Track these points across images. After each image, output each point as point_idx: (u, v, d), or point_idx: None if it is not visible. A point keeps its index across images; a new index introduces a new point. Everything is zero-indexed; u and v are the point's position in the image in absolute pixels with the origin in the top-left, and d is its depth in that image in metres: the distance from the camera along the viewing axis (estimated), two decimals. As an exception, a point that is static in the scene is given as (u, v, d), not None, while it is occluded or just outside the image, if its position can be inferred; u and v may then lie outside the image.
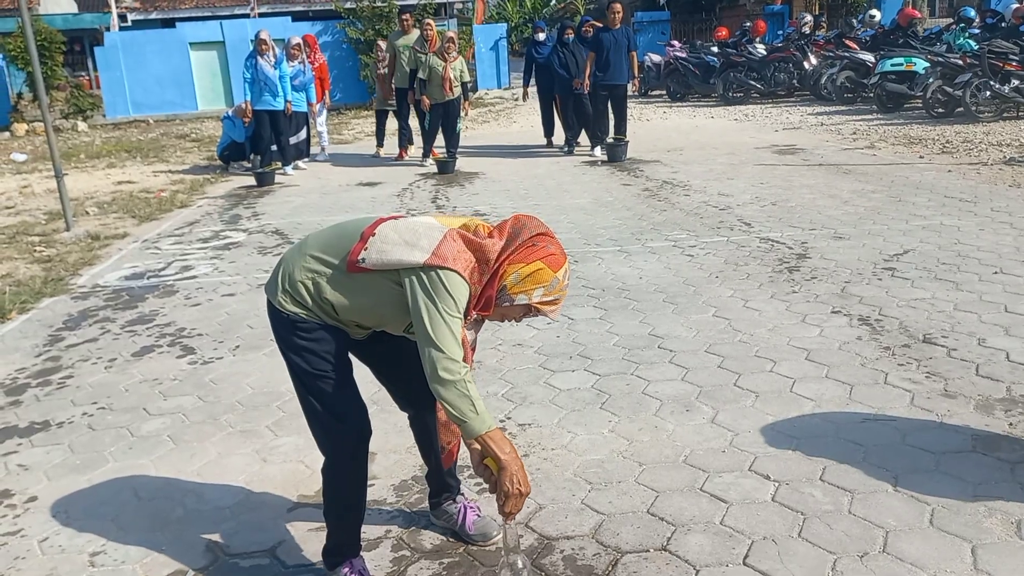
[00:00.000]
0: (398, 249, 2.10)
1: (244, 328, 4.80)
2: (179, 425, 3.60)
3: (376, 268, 2.12)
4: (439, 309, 2.05)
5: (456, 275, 2.07)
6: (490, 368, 4.00)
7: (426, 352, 2.06)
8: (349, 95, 19.88)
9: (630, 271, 5.50)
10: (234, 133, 10.99)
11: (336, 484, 2.35)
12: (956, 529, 2.53)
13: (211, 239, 7.22)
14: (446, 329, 2.05)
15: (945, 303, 4.51)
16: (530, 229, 2.17)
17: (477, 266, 2.12)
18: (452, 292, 2.05)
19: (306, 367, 2.24)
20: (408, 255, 2.09)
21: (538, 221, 2.22)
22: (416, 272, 2.08)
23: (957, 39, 13.57)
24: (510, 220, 2.22)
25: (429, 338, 2.04)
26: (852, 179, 8.20)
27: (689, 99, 18.08)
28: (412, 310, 2.08)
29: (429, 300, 2.05)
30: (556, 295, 2.16)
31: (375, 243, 2.14)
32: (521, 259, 2.12)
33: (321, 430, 2.31)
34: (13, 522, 2.90)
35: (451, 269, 2.06)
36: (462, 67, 10.43)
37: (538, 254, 2.13)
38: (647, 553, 2.51)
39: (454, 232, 2.14)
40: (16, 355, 4.59)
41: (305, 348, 2.24)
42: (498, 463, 2.09)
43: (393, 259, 2.10)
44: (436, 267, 2.06)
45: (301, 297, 2.21)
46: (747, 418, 3.33)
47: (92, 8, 24.73)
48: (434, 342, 2.04)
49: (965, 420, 3.21)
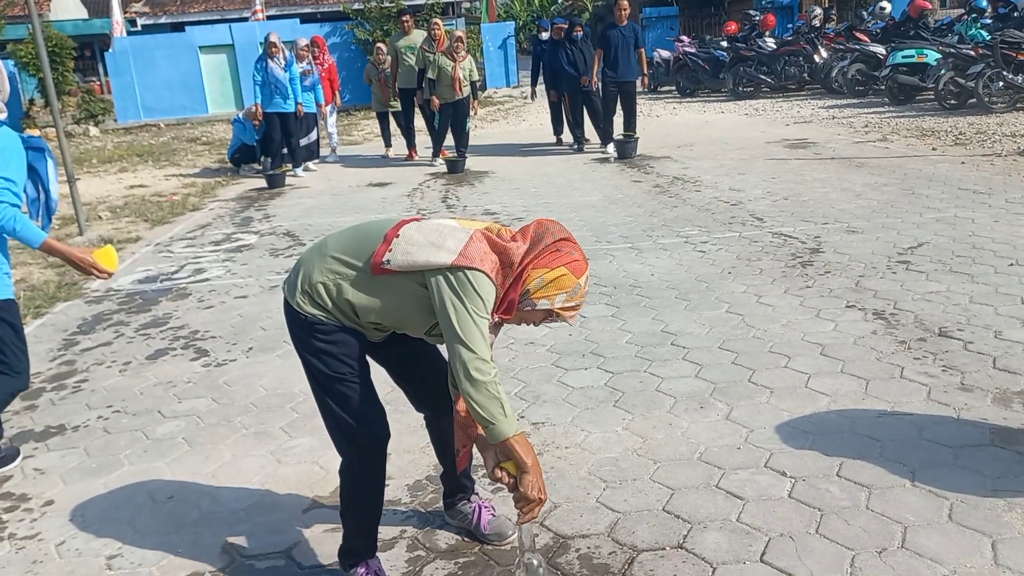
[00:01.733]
0: (424, 250, 2.08)
1: (257, 330, 4.82)
2: (194, 427, 3.61)
3: (402, 270, 2.11)
4: (468, 309, 2.03)
5: (484, 275, 2.06)
6: (503, 367, 4.00)
7: (457, 352, 2.04)
8: (358, 96, 19.90)
9: (642, 268, 5.48)
10: (244, 136, 11.03)
11: (354, 486, 2.35)
12: (975, 524, 2.50)
13: (223, 242, 7.24)
14: (475, 329, 2.03)
15: (961, 296, 4.47)
16: (553, 234, 2.16)
17: (501, 268, 2.11)
18: (480, 292, 2.05)
19: (324, 369, 2.24)
20: (435, 256, 2.07)
21: (560, 226, 2.21)
22: (443, 272, 2.06)
23: (969, 30, 13.45)
24: (533, 225, 2.21)
25: (459, 338, 2.02)
26: (865, 172, 8.15)
27: (699, 94, 18.03)
28: (439, 311, 2.06)
29: (458, 300, 2.04)
30: (577, 301, 2.15)
31: (400, 245, 2.12)
32: (545, 264, 2.11)
33: (339, 432, 2.30)
34: (30, 526, 2.92)
35: (478, 269, 2.05)
36: (471, 66, 10.43)
37: (562, 260, 2.12)
38: (663, 551, 2.50)
39: (479, 233, 2.13)
40: (31, 359, 4.60)
41: (323, 350, 2.23)
42: (522, 468, 2.08)
43: (420, 260, 2.08)
44: (464, 267, 2.05)
45: (320, 298, 2.20)
46: (762, 414, 3.31)
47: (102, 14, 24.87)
48: (464, 342, 2.02)
49: (983, 414, 3.18)
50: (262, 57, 10.04)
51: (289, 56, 10.17)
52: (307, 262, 2.27)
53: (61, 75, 18.22)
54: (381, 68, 11.44)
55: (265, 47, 10.05)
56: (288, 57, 10.14)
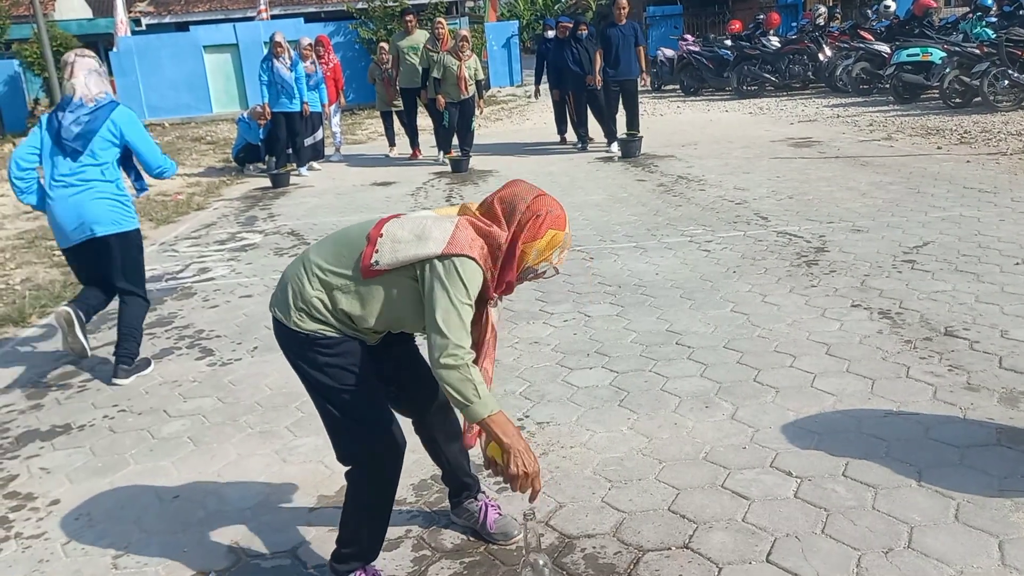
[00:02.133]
0: (412, 245, 2.10)
1: (262, 329, 4.82)
2: (199, 427, 3.62)
3: (392, 267, 2.12)
4: (450, 296, 2.06)
5: (471, 262, 2.09)
6: (507, 366, 4.00)
7: (433, 339, 2.07)
8: (362, 96, 19.89)
9: (646, 267, 5.48)
10: (249, 135, 11.04)
11: (368, 492, 2.32)
12: (982, 524, 2.50)
13: (228, 241, 7.25)
14: (456, 316, 2.06)
15: (966, 295, 4.46)
16: (524, 198, 2.18)
17: (490, 252, 2.15)
18: (465, 279, 2.08)
19: (332, 383, 2.21)
20: (423, 248, 2.09)
21: (525, 185, 2.24)
22: (431, 261, 2.09)
23: (974, 28, 13.41)
24: (497, 201, 2.20)
25: (436, 324, 2.06)
26: (869, 171, 8.14)
27: (703, 93, 17.99)
28: (426, 298, 2.09)
29: (442, 287, 2.07)
30: (568, 246, 2.24)
31: (385, 244, 2.13)
32: (533, 236, 2.15)
33: (353, 443, 2.27)
34: (36, 525, 2.92)
35: (467, 256, 2.08)
36: (476, 65, 10.43)
37: (546, 223, 2.16)
38: (669, 551, 2.49)
39: (464, 220, 2.16)
40: (37, 359, 4.63)
41: (329, 364, 2.20)
42: (501, 446, 2.11)
43: (409, 255, 2.10)
44: (452, 255, 2.08)
45: (320, 313, 2.17)
46: (767, 414, 3.31)
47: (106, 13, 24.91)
48: (440, 328, 2.05)
49: (989, 413, 3.17)
50: (268, 57, 10.04)
51: (295, 56, 10.19)
52: (293, 278, 2.23)
53: (66, 74, 18.23)
54: (384, 68, 11.45)
55: (271, 47, 10.07)
56: (294, 57, 10.15)
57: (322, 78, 10.82)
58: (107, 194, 4.11)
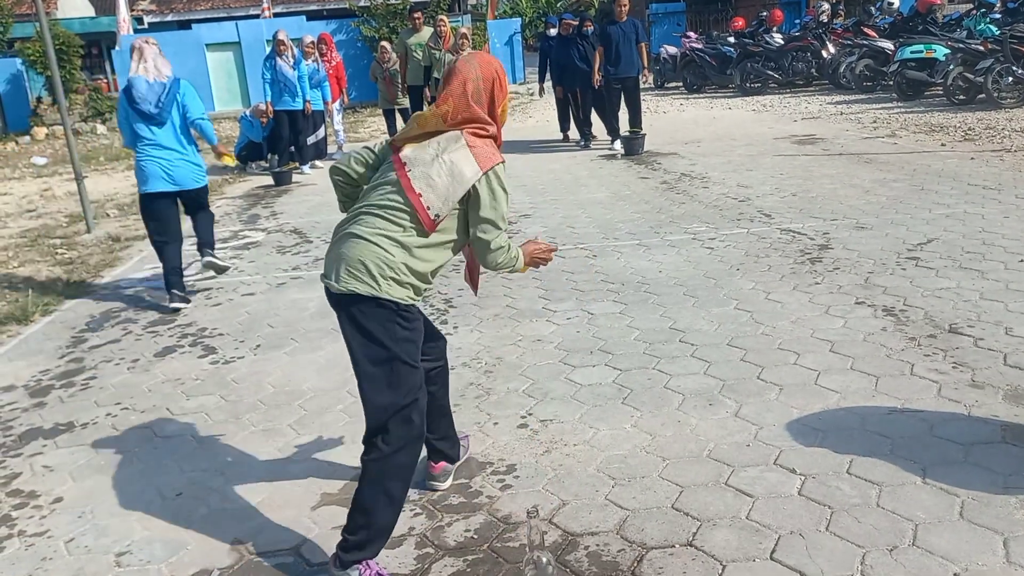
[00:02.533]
0: (455, 187, 2.33)
1: (265, 327, 4.82)
2: (202, 425, 3.62)
3: (450, 211, 2.35)
4: (495, 197, 2.37)
5: (502, 164, 2.41)
6: (511, 364, 3.99)
7: (486, 228, 2.37)
8: (365, 93, 19.89)
9: (649, 265, 5.47)
10: (251, 133, 11.04)
11: (401, 476, 2.39)
12: (987, 521, 2.49)
13: (230, 239, 7.25)
14: (502, 208, 2.40)
15: (971, 292, 4.45)
16: (472, 77, 2.41)
17: (494, 140, 2.46)
18: (502, 178, 2.40)
19: (403, 357, 2.34)
20: (465, 183, 2.33)
21: (459, 62, 2.46)
22: (475, 184, 2.35)
23: (978, 24, 13.37)
24: (458, 97, 2.40)
25: (490, 220, 2.37)
26: (873, 168, 8.12)
27: (706, 90, 17.97)
28: (476, 204, 2.36)
29: (490, 192, 2.36)
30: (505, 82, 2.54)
31: (431, 197, 2.32)
32: (503, 96, 2.47)
33: (402, 422, 2.35)
34: (40, 523, 2.92)
35: (495, 163, 2.38)
36: (478, 63, 10.40)
37: (501, 86, 2.46)
38: (672, 549, 2.49)
39: (469, 136, 2.39)
40: (39, 357, 4.63)
41: (406, 338, 2.35)
42: (528, 264, 2.59)
43: (459, 194, 2.34)
44: (487, 171, 2.35)
45: (405, 276, 2.32)
46: (771, 411, 3.30)
47: (109, 11, 24.93)
48: (494, 221, 2.38)
49: (993, 410, 3.16)
50: (271, 55, 10.04)
51: (298, 54, 10.18)
52: (366, 251, 2.32)
53: (68, 73, 18.27)
54: (386, 66, 11.44)
55: (274, 45, 10.06)
56: (297, 55, 10.14)
57: (325, 76, 10.82)
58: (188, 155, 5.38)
